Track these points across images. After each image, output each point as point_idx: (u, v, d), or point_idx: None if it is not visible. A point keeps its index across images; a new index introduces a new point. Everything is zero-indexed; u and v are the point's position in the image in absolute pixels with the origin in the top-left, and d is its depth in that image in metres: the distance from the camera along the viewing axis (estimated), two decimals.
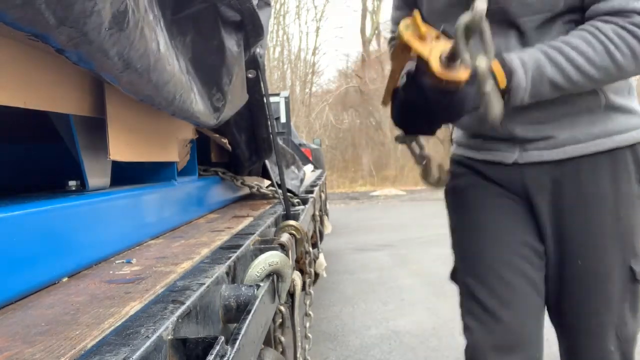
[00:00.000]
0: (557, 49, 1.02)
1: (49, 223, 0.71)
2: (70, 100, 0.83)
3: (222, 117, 1.17)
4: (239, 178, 1.86)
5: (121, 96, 0.88)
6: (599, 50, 1.00)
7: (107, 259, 0.87)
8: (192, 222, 1.35)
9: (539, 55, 1.01)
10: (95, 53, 0.60)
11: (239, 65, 1.28)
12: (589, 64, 1.00)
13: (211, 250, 0.94)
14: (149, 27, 0.70)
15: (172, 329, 0.55)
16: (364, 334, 3.36)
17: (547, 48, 1.02)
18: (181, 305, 0.59)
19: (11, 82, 0.68)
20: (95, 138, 0.93)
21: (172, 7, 0.94)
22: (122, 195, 0.97)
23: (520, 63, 1.00)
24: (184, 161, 1.43)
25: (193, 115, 1.00)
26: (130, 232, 0.98)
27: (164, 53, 0.78)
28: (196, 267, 0.81)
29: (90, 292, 0.67)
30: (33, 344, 0.48)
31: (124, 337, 0.50)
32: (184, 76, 0.92)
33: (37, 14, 0.48)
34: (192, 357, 0.56)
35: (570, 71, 1.01)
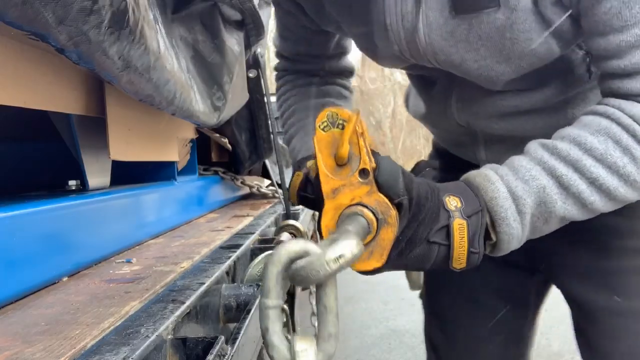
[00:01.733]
0: (572, 164, 0.64)
1: (49, 223, 0.71)
2: (71, 99, 0.83)
3: (222, 117, 1.17)
4: (239, 177, 1.86)
5: (121, 96, 0.88)
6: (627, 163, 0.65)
7: (107, 259, 0.87)
8: (192, 221, 1.35)
9: (542, 181, 0.64)
10: (95, 52, 0.60)
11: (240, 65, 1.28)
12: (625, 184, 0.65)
13: (211, 249, 0.94)
14: (149, 26, 0.70)
15: (172, 329, 0.55)
16: (364, 333, 3.36)
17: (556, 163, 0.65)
18: (181, 305, 0.59)
19: (11, 82, 0.68)
20: (95, 138, 0.93)
21: (172, 6, 0.94)
22: (122, 195, 0.97)
23: (510, 205, 0.64)
24: (184, 161, 1.43)
25: (193, 114, 1.00)
26: (130, 231, 0.98)
27: (164, 52, 0.78)
28: (196, 266, 0.81)
29: (90, 291, 0.67)
30: (33, 344, 0.48)
31: (124, 337, 0.50)
32: (184, 75, 0.91)
33: (37, 13, 0.48)
34: (192, 356, 0.56)
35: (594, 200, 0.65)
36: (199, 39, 1.05)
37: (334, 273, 0.45)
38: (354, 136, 0.57)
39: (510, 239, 0.64)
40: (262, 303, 0.46)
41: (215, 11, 1.13)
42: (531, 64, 0.75)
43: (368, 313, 3.77)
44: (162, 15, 0.85)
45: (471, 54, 0.74)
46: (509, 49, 0.72)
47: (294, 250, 0.46)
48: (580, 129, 0.67)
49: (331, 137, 0.58)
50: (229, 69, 1.16)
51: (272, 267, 0.46)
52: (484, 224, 0.63)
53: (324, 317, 0.47)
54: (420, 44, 0.76)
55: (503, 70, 0.75)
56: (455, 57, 0.75)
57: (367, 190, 0.58)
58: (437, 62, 0.79)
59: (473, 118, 0.90)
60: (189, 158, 1.46)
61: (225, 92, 1.15)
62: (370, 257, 0.58)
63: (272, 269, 0.46)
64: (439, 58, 0.77)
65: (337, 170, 0.58)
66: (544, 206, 0.65)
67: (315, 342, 0.47)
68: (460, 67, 0.77)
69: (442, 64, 0.79)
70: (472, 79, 0.80)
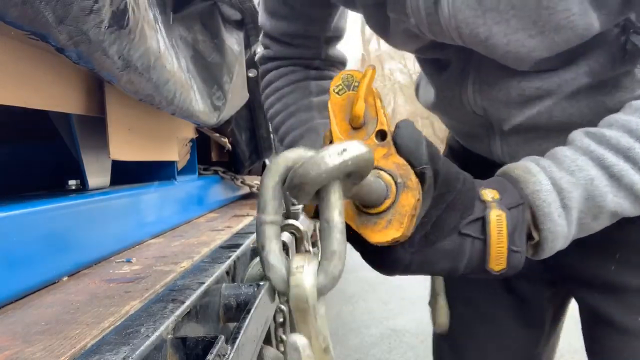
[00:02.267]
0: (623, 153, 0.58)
1: (49, 222, 0.71)
2: (71, 99, 0.83)
3: (222, 116, 1.17)
4: (239, 177, 1.86)
5: (121, 95, 0.88)
6: None
7: (107, 258, 0.87)
8: (192, 221, 1.35)
9: (590, 172, 0.58)
10: (95, 52, 0.60)
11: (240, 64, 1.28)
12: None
13: (211, 249, 0.94)
14: (149, 26, 0.70)
15: (172, 328, 0.55)
16: (364, 333, 3.36)
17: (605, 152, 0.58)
18: (181, 305, 0.59)
19: (11, 82, 0.68)
20: (95, 137, 0.93)
21: (172, 5, 0.94)
22: (122, 195, 0.97)
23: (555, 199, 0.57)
24: (184, 160, 1.43)
25: (193, 114, 1.00)
26: (130, 231, 0.98)
27: (164, 52, 0.78)
28: (196, 266, 0.81)
29: (90, 291, 0.67)
30: (33, 343, 0.48)
31: (124, 336, 0.50)
32: (184, 75, 0.91)
33: (37, 12, 0.48)
34: (192, 356, 0.56)
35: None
36: (198, 38, 1.05)
37: (337, 169, 0.39)
38: (369, 96, 0.52)
39: (555, 237, 0.57)
40: (257, 219, 0.41)
41: (215, 11, 1.13)
42: (567, 40, 0.65)
43: (368, 312, 3.77)
44: (162, 15, 0.85)
45: (501, 26, 0.65)
46: (545, 19, 0.63)
47: (292, 157, 0.41)
48: (630, 114, 0.60)
49: (346, 100, 0.54)
50: (228, 68, 1.16)
51: (268, 179, 0.41)
52: (525, 219, 0.55)
53: (326, 234, 0.41)
54: (442, 14, 0.66)
55: (535, 46, 0.66)
56: (482, 31, 0.66)
57: (385, 153, 0.52)
58: (459, 37, 0.69)
59: (491, 104, 0.79)
60: (189, 158, 1.46)
61: (225, 91, 1.15)
62: (389, 225, 0.51)
63: (267, 181, 0.41)
64: (462, 32, 0.67)
65: (352, 134, 0.53)
66: (593, 200, 0.58)
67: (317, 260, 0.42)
68: (486, 43, 0.67)
69: (466, 39, 0.68)
70: (497, 57, 0.70)
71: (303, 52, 0.93)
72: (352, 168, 0.40)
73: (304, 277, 0.40)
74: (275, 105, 0.94)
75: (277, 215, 0.41)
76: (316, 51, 0.94)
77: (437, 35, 0.70)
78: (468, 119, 0.84)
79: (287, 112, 0.92)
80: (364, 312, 3.78)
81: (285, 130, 0.92)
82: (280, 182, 0.41)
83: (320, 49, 0.94)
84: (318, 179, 0.39)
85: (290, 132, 0.91)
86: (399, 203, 0.51)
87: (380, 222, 0.51)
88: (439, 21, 0.67)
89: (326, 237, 0.41)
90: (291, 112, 0.92)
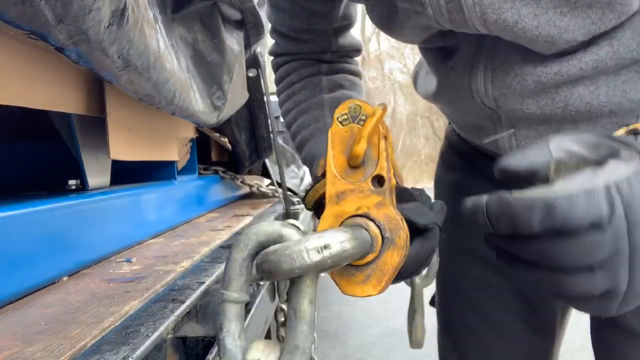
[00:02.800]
0: None
1: (49, 222, 0.71)
2: (70, 99, 0.83)
3: (222, 116, 1.17)
4: (239, 177, 1.86)
5: (121, 95, 0.88)
6: None
7: (107, 258, 0.87)
8: (192, 221, 1.35)
9: None
10: (94, 51, 0.60)
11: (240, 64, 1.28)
12: None
13: (211, 249, 0.94)
14: (148, 25, 0.70)
15: (172, 328, 0.55)
16: (365, 332, 3.36)
17: None
18: (181, 304, 0.59)
19: (11, 82, 0.68)
20: (95, 137, 0.93)
21: (172, 5, 0.94)
22: (122, 195, 0.97)
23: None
24: (184, 160, 1.43)
25: (193, 114, 1.00)
26: (130, 231, 0.98)
27: (163, 51, 0.78)
28: (196, 266, 0.81)
29: (90, 291, 0.67)
30: (33, 343, 0.48)
31: (124, 336, 0.49)
32: (184, 74, 0.91)
33: (37, 11, 0.48)
34: (192, 355, 0.56)
35: None
36: (198, 38, 1.04)
37: (313, 267, 0.35)
38: (374, 135, 0.49)
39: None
40: (220, 295, 0.38)
41: (215, 10, 1.13)
42: (602, 16, 0.61)
43: (368, 312, 3.77)
44: (162, 15, 0.85)
45: (530, 6, 0.60)
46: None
47: (265, 232, 0.37)
48: None
49: (349, 132, 0.50)
50: (228, 68, 1.16)
51: (236, 253, 0.37)
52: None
53: (292, 324, 0.37)
54: (465, 2, 0.61)
55: (567, 25, 0.61)
56: (510, 14, 0.61)
57: (378, 202, 0.49)
58: (484, 24, 0.63)
59: (503, 93, 0.73)
60: (189, 157, 1.46)
61: (225, 91, 1.15)
62: (367, 281, 0.48)
63: (236, 255, 0.37)
64: (488, 18, 0.62)
65: (348, 172, 0.50)
66: None
67: (277, 354, 0.37)
68: (515, 28, 0.62)
69: (491, 26, 0.63)
70: (525, 42, 0.65)
71: (311, 47, 0.90)
72: (330, 265, 0.37)
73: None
74: (287, 103, 0.91)
75: (242, 293, 0.37)
76: (325, 44, 0.90)
77: (458, 25, 0.66)
78: (475, 110, 0.79)
79: (298, 109, 0.89)
80: (364, 312, 3.78)
81: (295, 129, 0.89)
82: (250, 257, 0.37)
83: (329, 41, 0.90)
84: (290, 273, 0.35)
85: (300, 131, 0.87)
86: (382, 260, 0.48)
87: (358, 276, 0.48)
88: (461, 9, 0.62)
89: (291, 328, 0.37)
90: (302, 109, 0.88)
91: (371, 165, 0.50)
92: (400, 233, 0.48)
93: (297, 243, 0.35)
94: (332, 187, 0.50)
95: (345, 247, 0.37)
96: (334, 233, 0.38)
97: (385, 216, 0.49)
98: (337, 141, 0.51)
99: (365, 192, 0.49)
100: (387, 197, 0.49)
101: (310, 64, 0.90)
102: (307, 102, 0.88)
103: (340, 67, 0.91)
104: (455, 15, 0.63)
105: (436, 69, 0.84)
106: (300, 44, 0.89)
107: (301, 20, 0.86)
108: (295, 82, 0.90)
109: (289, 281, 0.37)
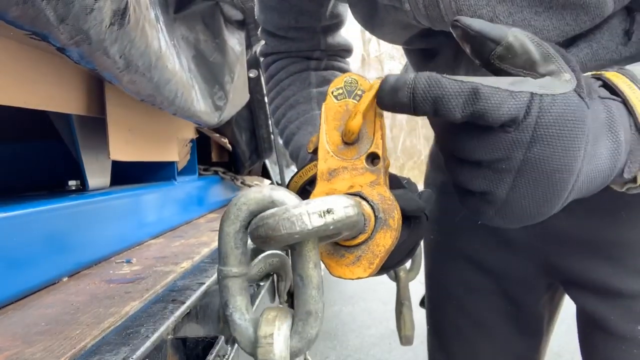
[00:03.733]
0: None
1: (49, 223, 0.71)
2: (71, 100, 0.83)
3: (223, 116, 1.17)
4: (239, 177, 1.86)
5: (121, 96, 0.88)
6: None
7: (107, 259, 0.87)
8: (192, 221, 1.34)
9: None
10: (96, 51, 0.60)
11: (241, 64, 1.28)
12: None
13: (211, 249, 0.94)
14: (150, 25, 0.70)
15: (172, 329, 0.54)
16: (364, 333, 3.36)
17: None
18: (181, 305, 0.59)
19: (11, 82, 0.68)
20: (95, 138, 0.93)
21: (174, 5, 0.94)
22: (122, 195, 0.97)
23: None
24: (184, 161, 1.43)
25: (195, 114, 1.00)
26: (130, 231, 0.98)
27: (165, 51, 0.78)
28: (196, 266, 0.81)
29: (90, 291, 0.66)
30: (33, 344, 0.48)
31: (124, 337, 0.49)
32: (186, 75, 0.91)
33: (38, 11, 0.48)
34: (192, 356, 0.56)
35: None
36: (200, 38, 1.04)
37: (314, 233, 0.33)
38: (370, 111, 0.46)
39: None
40: (219, 271, 0.36)
41: (216, 11, 1.13)
42: (576, 18, 0.61)
43: (368, 313, 3.77)
44: (164, 15, 0.85)
45: (505, 4, 0.61)
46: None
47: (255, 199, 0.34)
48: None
49: (344, 107, 0.48)
50: (230, 68, 1.16)
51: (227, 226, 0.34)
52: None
53: (300, 291, 0.35)
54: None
55: (542, 25, 0.62)
56: (485, 12, 0.61)
57: (372, 180, 0.47)
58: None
59: None
60: (189, 158, 1.46)
61: (227, 91, 1.15)
62: (357, 262, 0.46)
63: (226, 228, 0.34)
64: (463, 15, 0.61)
65: (342, 149, 0.48)
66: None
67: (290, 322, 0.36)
68: None
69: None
70: None
71: (300, 45, 0.89)
72: (333, 232, 0.34)
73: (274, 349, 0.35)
74: (276, 100, 0.90)
75: (242, 267, 0.35)
76: (314, 43, 0.89)
77: (434, 22, 0.65)
78: None
79: (286, 104, 0.88)
80: (364, 313, 3.78)
81: (284, 124, 0.88)
82: (242, 228, 0.35)
83: (318, 40, 0.89)
84: (289, 238, 0.33)
85: (288, 125, 0.86)
86: (374, 241, 0.46)
87: (348, 257, 0.46)
88: (437, 5, 0.62)
89: (300, 294, 0.35)
90: (290, 104, 0.88)
91: (366, 143, 0.47)
92: (394, 214, 0.46)
93: (297, 206, 0.32)
94: (324, 164, 0.48)
95: (348, 212, 0.35)
96: (337, 198, 0.35)
97: (379, 196, 0.46)
98: (331, 116, 0.48)
99: (359, 169, 0.47)
100: (381, 176, 0.47)
101: (299, 61, 0.90)
102: (296, 97, 0.87)
103: (329, 64, 0.90)
104: (431, 10, 0.63)
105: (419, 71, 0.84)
106: (289, 42, 0.89)
107: (289, 19, 0.85)
108: (283, 78, 0.89)
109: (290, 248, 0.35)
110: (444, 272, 0.97)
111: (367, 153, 0.47)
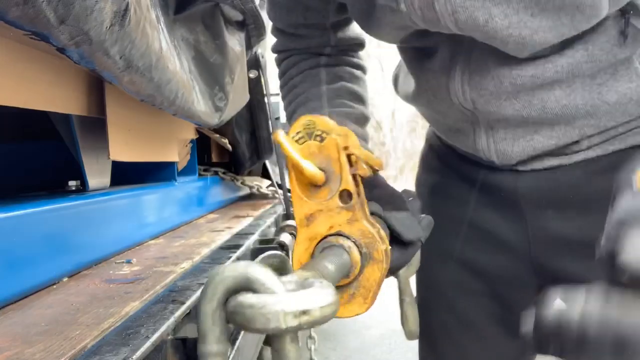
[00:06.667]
0: None
1: (49, 223, 0.71)
2: (71, 100, 0.83)
3: (224, 117, 1.17)
4: (239, 178, 1.86)
5: (121, 96, 0.88)
6: None
7: (107, 259, 0.87)
8: (192, 222, 1.34)
9: None
10: (96, 52, 0.60)
11: (241, 65, 1.28)
12: None
13: (211, 250, 0.94)
14: (150, 26, 0.70)
15: (172, 329, 0.55)
16: (364, 333, 3.36)
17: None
18: (181, 305, 0.59)
19: (11, 82, 0.68)
20: (95, 138, 0.93)
21: (174, 6, 0.94)
22: (122, 195, 0.97)
23: None
24: (184, 161, 1.43)
25: (195, 114, 1.00)
26: (130, 232, 0.98)
27: (165, 52, 0.78)
28: (196, 267, 0.81)
29: (90, 292, 0.66)
30: (33, 344, 0.48)
31: (124, 337, 0.49)
32: (186, 75, 0.91)
33: (38, 12, 0.48)
34: (192, 356, 0.56)
35: None
36: (200, 39, 1.04)
37: (286, 332, 0.33)
38: (333, 150, 0.47)
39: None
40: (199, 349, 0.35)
41: (216, 12, 1.13)
42: (572, 19, 0.61)
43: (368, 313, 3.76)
44: (164, 16, 0.85)
45: (501, 6, 0.60)
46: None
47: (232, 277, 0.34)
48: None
49: (307, 151, 0.48)
50: (230, 69, 1.16)
51: (204, 305, 0.34)
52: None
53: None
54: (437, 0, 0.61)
55: (538, 27, 0.61)
56: (480, 14, 0.61)
57: (349, 218, 0.47)
58: (455, 23, 0.63)
59: (480, 95, 0.73)
60: (189, 158, 1.46)
61: (227, 92, 1.15)
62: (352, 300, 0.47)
63: (204, 307, 0.34)
64: (459, 17, 0.62)
65: (314, 191, 0.48)
66: None
67: None
68: (485, 28, 0.62)
69: (462, 25, 0.63)
70: (496, 43, 0.65)
71: (310, 42, 0.89)
72: (307, 327, 0.34)
73: None
74: (287, 96, 0.91)
75: (220, 345, 0.34)
76: (324, 39, 0.89)
77: (430, 23, 0.65)
78: (453, 112, 0.79)
79: (297, 102, 0.88)
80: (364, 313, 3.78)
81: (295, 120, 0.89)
82: (220, 306, 0.34)
83: (328, 36, 0.89)
84: (263, 331, 0.33)
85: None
86: (364, 276, 0.47)
87: (342, 296, 0.47)
88: (433, 6, 0.62)
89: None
90: (300, 101, 0.88)
91: (335, 181, 0.47)
92: (377, 246, 0.47)
93: (275, 303, 0.32)
94: (301, 210, 0.48)
95: (325, 313, 0.34)
96: (318, 293, 0.34)
97: (359, 231, 0.47)
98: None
99: (334, 210, 0.47)
100: (357, 212, 0.47)
101: (310, 57, 0.90)
102: (306, 94, 0.87)
103: (341, 60, 0.90)
104: (427, 12, 0.63)
105: (414, 70, 0.84)
106: (298, 39, 0.89)
107: (297, 16, 0.85)
108: (294, 75, 0.90)
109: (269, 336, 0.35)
110: (434, 273, 0.97)
111: (338, 191, 0.47)
